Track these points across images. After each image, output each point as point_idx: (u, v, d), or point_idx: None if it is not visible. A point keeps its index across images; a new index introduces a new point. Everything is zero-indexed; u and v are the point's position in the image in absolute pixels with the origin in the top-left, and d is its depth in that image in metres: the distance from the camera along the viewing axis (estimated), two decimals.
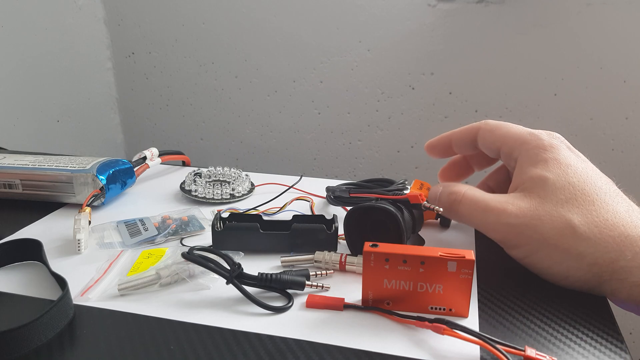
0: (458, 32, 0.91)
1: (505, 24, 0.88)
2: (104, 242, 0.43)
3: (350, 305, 0.34)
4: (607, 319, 0.34)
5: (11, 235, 0.44)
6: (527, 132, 0.41)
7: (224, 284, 0.35)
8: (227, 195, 0.52)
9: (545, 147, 0.39)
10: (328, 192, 0.49)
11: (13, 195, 0.50)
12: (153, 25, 1.07)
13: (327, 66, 0.99)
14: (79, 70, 1.03)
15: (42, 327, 0.30)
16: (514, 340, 0.32)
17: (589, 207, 0.35)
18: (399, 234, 0.38)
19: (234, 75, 1.06)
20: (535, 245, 0.36)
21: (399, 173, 1.02)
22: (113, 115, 1.16)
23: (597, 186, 0.36)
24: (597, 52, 0.86)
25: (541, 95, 0.91)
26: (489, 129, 0.43)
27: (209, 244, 0.41)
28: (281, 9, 0.98)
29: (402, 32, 0.93)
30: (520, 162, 0.40)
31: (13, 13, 0.86)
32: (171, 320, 0.33)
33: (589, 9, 0.84)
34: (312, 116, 1.04)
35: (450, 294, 0.33)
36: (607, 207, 0.35)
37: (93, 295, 0.35)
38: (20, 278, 0.38)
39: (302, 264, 0.39)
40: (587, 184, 0.36)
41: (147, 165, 0.58)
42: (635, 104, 0.87)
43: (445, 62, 0.93)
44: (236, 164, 1.10)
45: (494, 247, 0.40)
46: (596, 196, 0.36)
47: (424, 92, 0.96)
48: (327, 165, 1.06)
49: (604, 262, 0.34)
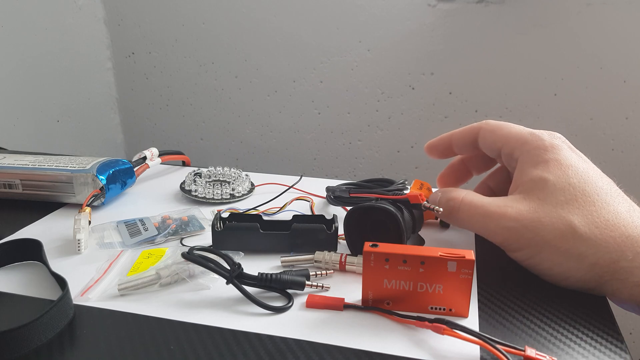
0: (458, 32, 0.91)
1: (505, 24, 0.88)
2: (104, 242, 0.43)
3: (350, 305, 0.34)
4: (607, 319, 0.34)
5: (11, 235, 0.44)
6: (528, 132, 0.41)
7: (224, 284, 0.35)
8: (227, 195, 0.52)
9: (547, 147, 0.39)
10: (328, 192, 0.49)
11: (13, 195, 0.50)
12: (153, 25, 1.07)
13: (327, 66, 0.99)
14: (79, 70, 1.03)
15: (42, 327, 0.30)
16: (514, 340, 0.32)
17: (589, 207, 0.35)
18: (399, 234, 0.38)
19: (234, 75, 1.06)
20: (536, 247, 0.36)
21: (399, 173, 1.02)
22: (113, 115, 1.16)
23: (598, 186, 0.36)
24: (597, 52, 0.86)
25: (541, 95, 0.91)
26: (490, 129, 0.43)
27: (209, 244, 0.41)
28: (281, 9, 0.98)
29: (402, 32, 0.93)
30: (521, 162, 0.40)
31: (13, 13, 0.86)
32: (171, 320, 0.33)
33: (589, 9, 0.84)
34: (312, 116, 1.04)
35: (450, 294, 0.33)
36: (608, 207, 0.35)
37: (93, 295, 0.35)
38: (20, 278, 0.38)
39: (302, 264, 0.39)
40: (588, 184, 0.36)
41: (147, 165, 0.58)
42: (635, 104, 0.87)
43: (445, 62, 0.93)
44: (236, 164, 1.10)
45: (494, 247, 0.40)
46: (597, 197, 0.36)
47: (424, 92, 0.96)
48: (327, 165, 1.06)
49: (605, 262, 0.34)
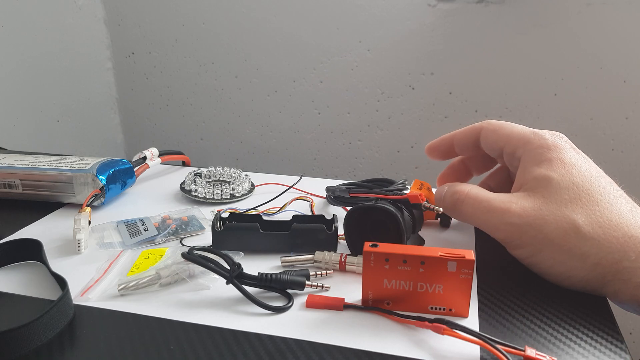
0: (458, 32, 0.91)
1: (505, 24, 0.88)
2: (104, 242, 0.43)
3: (350, 305, 0.34)
4: (607, 319, 0.34)
5: (11, 235, 0.44)
6: (531, 132, 0.41)
7: (224, 284, 0.35)
8: (227, 195, 0.52)
9: (550, 146, 0.39)
10: (328, 192, 0.49)
11: (13, 195, 0.50)
12: (153, 25, 1.07)
13: (327, 66, 0.99)
14: (79, 70, 1.03)
15: (42, 327, 0.30)
16: (514, 340, 0.32)
17: (592, 207, 0.35)
18: (399, 234, 0.38)
19: (234, 75, 1.06)
20: (539, 245, 0.36)
21: (399, 173, 1.02)
22: (113, 115, 1.16)
23: (600, 187, 0.36)
24: (597, 52, 0.86)
25: (541, 95, 0.91)
26: (492, 128, 0.43)
27: (209, 244, 0.41)
28: (281, 9, 0.98)
29: (402, 32, 0.93)
30: (524, 161, 0.40)
31: (13, 13, 0.86)
32: (171, 320, 0.33)
33: (589, 9, 0.84)
34: (312, 116, 1.04)
35: (450, 294, 0.33)
36: (611, 207, 0.35)
37: (93, 295, 0.35)
38: (20, 278, 0.38)
39: (302, 264, 0.39)
40: (591, 184, 0.36)
41: (147, 165, 0.58)
42: (635, 104, 0.87)
43: (445, 62, 0.93)
44: (236, 164, 1.10)
45: (494, 247, 0.40)
46: (600, 197, 0.36)
47: (424, 92, 0.96)
48: (327, 165, 1.06)
49: (608, 262, 0.34)
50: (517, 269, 0.39)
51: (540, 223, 0.35)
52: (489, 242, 0.40)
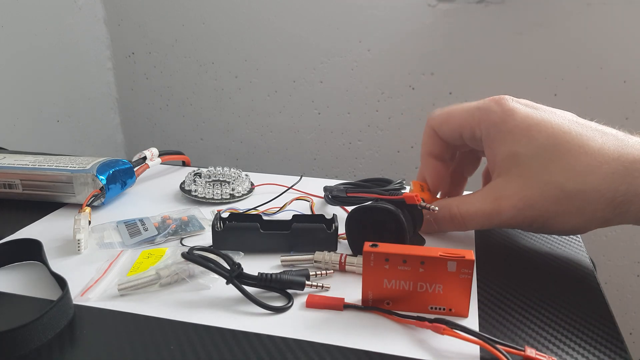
0: (458, 32, 0.91)
1: (505, 24, 0.88)
2: (104, 242, 0.43)
3: (350, 305, 0.34)
4: (607, 319, 0.34)
5: (11, 235, 0.44)
6: (476, 109, 0.40)
7: (224, 284, 0.35)
8: (227, 195, 0.52)
9: (501, 118, 0.38)
10: (325, 191, 0.49)
11: (13, 195, 0.50)
12: (153, 25, 1.07)
13: (327, 66, 0.99)
14: (79, 70, 1.03)
15: (42, 327, 0.30)
16: (514, 340, 0.32)
17: (567, 159, 0.35)
18: (402, 234, 0.38)
19: (234, 75, 1.06)
20: (540, 219, 0.37)
21: (399, 173, 1.02)
22: (113, 115, 1.16)
23: (564, 132, 0.36)
24: (597, 52, 0.86)
25: (541, 95, 0.90)
26: (439, 121, 0.43)
27: (209, 244, 0.41)
28: (281, 9, 0.98)
29: (402, 32, 0.93)
30: (486, 142, 0.40)
31: (13, 13, 0.86)
32: (171, 320, 0.33)
33: (589, 9, 0.84)
34: (312, 116, 1.04)
35: (450, 294, 0.33)
36: (585, 149, 0.35)
37: (93, 295, 0.35)
38: (20, 278, 0.38)
39: (302, 263, 0.39)
40: (555, 137, 0.36)
41: (147, 165, 0.58)
42: (635, 104, 0.87)
43: (445, 62, 0.93)
44: (236, 164, 1.10)
45: (494, 247, 0.40)
46: (568, 144, 0.36)
47: (424, 92, 0.96)
48: (327, 166, 1.06)
49: (603, 204, 0.34)
50: (517, 269, 0.39)
51: (531, 203, 0.36)
52: (489, 242, 0.40)
